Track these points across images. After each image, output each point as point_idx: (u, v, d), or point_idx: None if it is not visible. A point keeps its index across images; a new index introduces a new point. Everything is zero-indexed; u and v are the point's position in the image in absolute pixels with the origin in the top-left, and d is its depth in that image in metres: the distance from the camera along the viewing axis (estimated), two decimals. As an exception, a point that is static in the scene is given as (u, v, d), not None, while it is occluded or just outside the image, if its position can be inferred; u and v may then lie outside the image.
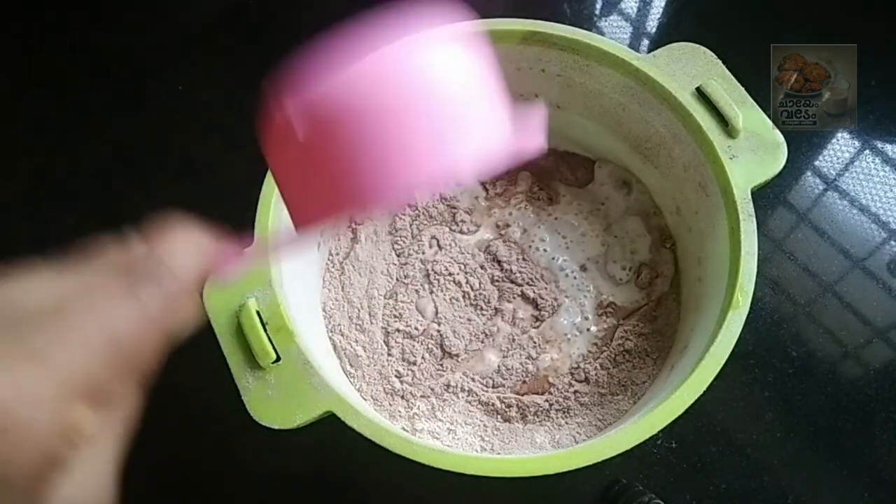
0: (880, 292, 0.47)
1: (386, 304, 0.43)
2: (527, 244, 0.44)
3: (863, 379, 0.45)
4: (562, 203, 0.46)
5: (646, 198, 0.45)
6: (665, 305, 0.42)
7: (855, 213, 0.50)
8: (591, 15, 0.62)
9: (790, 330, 0.46)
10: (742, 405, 0.43)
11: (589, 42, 0.39)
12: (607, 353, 0.41)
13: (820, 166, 0.52)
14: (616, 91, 0.41)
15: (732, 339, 0.32)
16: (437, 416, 0.39)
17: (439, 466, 0.29)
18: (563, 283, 0.43)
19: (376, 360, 0.41)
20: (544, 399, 0.40)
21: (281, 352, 0.32)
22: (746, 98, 0.38)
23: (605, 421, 0.39)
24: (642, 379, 0.40)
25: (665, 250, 0.44)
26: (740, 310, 0.32)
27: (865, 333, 0.46)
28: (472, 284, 0.43)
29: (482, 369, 0.41)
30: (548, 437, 0.39)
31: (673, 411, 0.30)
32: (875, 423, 0.43)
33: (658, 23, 0.61)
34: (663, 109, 0.39)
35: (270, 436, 0.30)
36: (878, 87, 0.54)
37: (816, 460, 0.42)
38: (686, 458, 0.42)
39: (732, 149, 0.37)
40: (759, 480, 0.42)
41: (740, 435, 0.43)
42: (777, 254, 0.48)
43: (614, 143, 0.45)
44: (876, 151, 0.53)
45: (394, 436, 0.30)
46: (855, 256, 0.48)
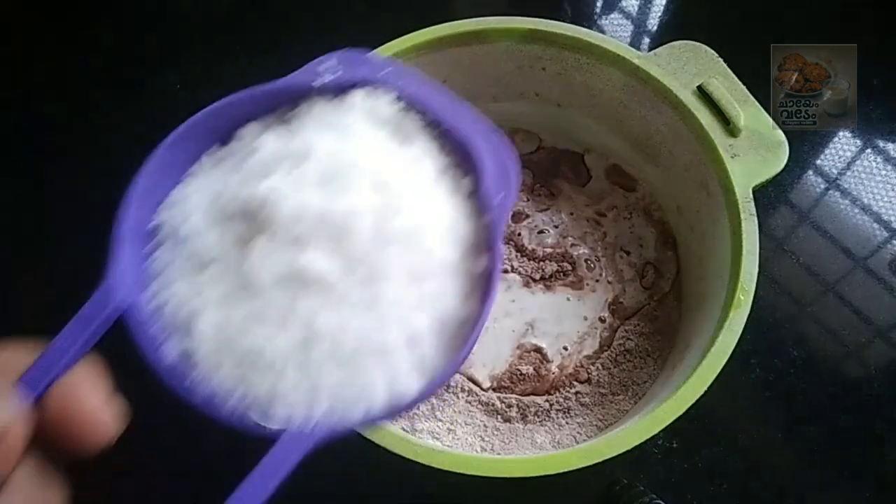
0: (882, 292, 0.47)
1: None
2: (529, 241, 0.44)
3: (864, 379, 0.44)
4: (563, 201, 0.46)
5: (647, 197, 0.45)
6: (666, 305, 0.42)
7: (857, 212, 0.50)
8: (591, 13, 0.61)
9: (791, 329, 0.45)
10: (743, 405, 0.43)
11: (590, 40, 0.39)
12: (608, 353, 0.41)
13: (821, 166, 0.52)
14: (617, 89, 0.41)
15: (734, 339, 0.31)
16: (437, 416, 0.39)
17: (439, 466, 0.29)
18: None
19: (376, 359, 0.41)
20: (545, 399, 0.40)
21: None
22: (748, 97, 0.38)
23: (605, 421, 0.39)
24: (643, 379, 0.40)
25: (668, 249, 0.44)
26: (741, 309, 0.32)
27: (867, 333, 0.45)
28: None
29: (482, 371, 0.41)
30: (548, 437, 0.38)
31: (674, 411, 0.30)
32: (877, 423, 0.43)
33: (659, 21, 0.61)
34: (664, 108, 0.39)
35: (270, 436, 0.30)
36: (879, 87, 0.54)
37: (818, 460, 0.42)
38: (687, 458, 0.42)
39: (734, 147, 0.36)
40: (760, 480, 0.42)
41: (741, 435, 0.43)
42: (778, 253, 0.48)
43: (615, 141, 0.45)
44: (877, 151, 0.53)
45: (394, 436, 0.30)
46: (857, 256, 0.48)
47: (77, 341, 0.15)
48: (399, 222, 0.17)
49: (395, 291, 0.17)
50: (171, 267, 0.17)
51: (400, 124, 0.19)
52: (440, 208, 0.18)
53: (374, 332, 0.17)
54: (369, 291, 0.17)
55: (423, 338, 0.17)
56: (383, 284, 0.17)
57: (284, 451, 0.16)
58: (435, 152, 0.19)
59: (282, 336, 0.16)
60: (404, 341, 0.17)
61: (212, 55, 0.58)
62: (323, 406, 0.17)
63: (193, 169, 0.19)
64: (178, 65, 0.57)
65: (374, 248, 0.17)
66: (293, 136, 0.19)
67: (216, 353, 0.17)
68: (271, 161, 0.18)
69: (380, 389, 0.17)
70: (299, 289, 0.16)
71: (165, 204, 0.19)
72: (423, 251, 0.18)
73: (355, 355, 0.17)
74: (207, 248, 0.17)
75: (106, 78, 0.58)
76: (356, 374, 0.17)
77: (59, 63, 0.58)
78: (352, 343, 0.17)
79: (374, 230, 0.17)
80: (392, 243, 0.17)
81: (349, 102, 0.19)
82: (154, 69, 0.58)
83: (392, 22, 0.38)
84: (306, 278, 0.16)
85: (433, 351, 0.18)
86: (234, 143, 0.20)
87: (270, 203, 0.17)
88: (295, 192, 0.17)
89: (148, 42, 0.59)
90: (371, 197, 0.17)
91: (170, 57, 0.58)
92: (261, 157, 0.18)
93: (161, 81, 0.56)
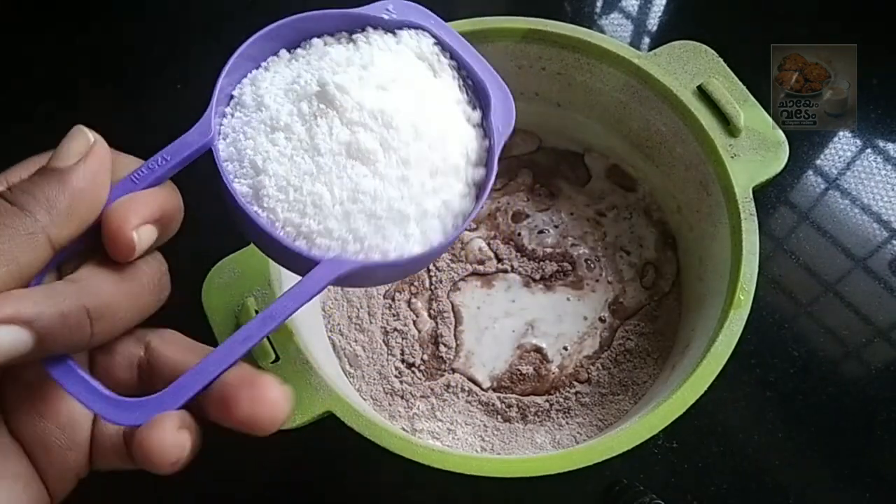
0: (882, 291, 0.47)
1: (385, 304, 0.43)
2: (529, 240, 0.44)
3: (864, 378, 0.44)
4: (563, 201, 0.46)
5: (647, 197, 0.45)
6: (666, 305, 0.42)
7: (856, 212, 0.50)
8: (591, 13, 0.61)
9: (791, 329, 0.45)
10: (743, 405, 0.43)
11: (590, 40, 0.39)
12: (608, 353, 0.41)
13: (821, 166, 0.52)
14: (617, 89, 0.41)
15: (734, 339, 0.32)
16: (437, 416, 0.39)
17: (439, 467, 0.29)
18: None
19: (376, 359, 0.41)
20: (545, 399, 0.40)
21: (280, 351, 0.32)
22: (748, 96, 0.38)
23: (605, 421, 0.39)
24: (643, 379, 0.40)
25: (668, 249, 0.44)
26: (741, 309, 0.32)
27: (867, 333, 0.45)
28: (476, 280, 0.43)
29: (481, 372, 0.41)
30: (548, 437, 0.38)
31: (674, 411, 0.30)
32: (876, 423, 0.43)
33: (659, 21, 0.61)
34: (664, 108, 0.39)
35: (269, 436, 0.30)
36: (879, 87, 0.54)
37: (817, 460, 0.42)
38: (687, 458, 0.42)
39: (734, 147, 0.36)
40: (760, 480, 0.42)
41: (741, 435, 0.43)
42: (778, 253, 0.48)
43: (615, 141, 0.45)
44: (877, 151, 0.53)
45: (394, 436, 0.30)
46: (856, 256, 0.48)
47: (176, 158, 0.20)
48: (430, 127, 0.23)
49: (418, 177, 0.22)
50: (248, 126, 0.22)
51: (435, 61, 0.25)
52: (458, 126, 0.24)
53: (398, 202, 0.22)
54: (401, 172, 0.22)
55: (430, 217, 0.23)
56: (411, 170, 0.22)
57: (321, 273, 0.20)
58: (456, 87, 0.25)
59: (336, 188, 0.21)
60: (417, 216, 0.22)
61: (212, 55, 0.58)
62: (352, 246, 0.21)
63: (270, 60, 0.24)
64: (179, 65, 0.57)
65: (409, 141, 0.22)
66: (359, 49, 0.24)
67: (281, 190, 0.21)
68: (342, 62, 0.23)
69: (392, 246, 0.22)
70: (352, 158, 0.22)
71: (246, 80, 0.24)
72: (442, 152, 0.23)
73: (383, 215, 0.22)
74: (282, 116, 0.22)
75: (106, 79, 0.57)
76: (379, 230, 0.22)
77: (59, 63, 0.58)
78: (383, 205, 0.22)
79: (411, 128, 0.22)
80: (422, 140, 0.22)
81: (400, 36, 0.25)
82: (154, 69, 0.58)
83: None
84: (359, 150, 0.22)
85: (434, 228, 0.23)
86: (304, 48, 0.25)
87: (341, 91, 0.22)
88: (359, 89, 0.22)
89: (148, 42, 0.59)
90: (413, 104, 0.23)
91: (170, 57, 0.58)
92: (333, 58, 0.23)
93: (162, 81, 0.56)
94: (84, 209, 0.17)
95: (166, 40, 0.59)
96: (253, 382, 0.18)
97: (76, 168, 0.17)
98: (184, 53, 0.58)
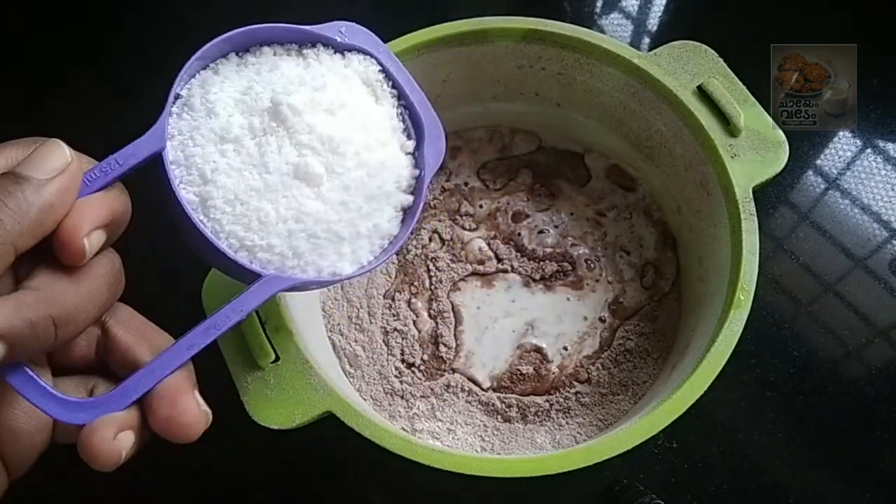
0: (882, 291, 0.47)
1: (385, 304, 0.43)
2: (529, 240, 0.44)
3: (864, 378, 0.44)
4: (563, 201, 0.46)
5: (647, 197, 0.45)
6: (666, 305, 0.42)
7: (856, 212, 0.50)
8: (591, 13, 0.61)
9: (791, 329, 0.45)
10: (743, 405, 0.43)
11: (589, 40, 0.39)
12: (608, 353, 0.41)
13: (821, 166, 0.52)
14: (617, 89, 0.41)
15: (734, 339, 0.31)
16: (437, 416, 0.39)
17: (439, 467, 0.29)
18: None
19: (376, 359, 0.41)
20: (545, 399, 0.40)
21: (280, 351, 0.32)
22: (748, 96, 0.38)
23: (605, 421, 0.39)
24: (643, 379, 0.40)
25: (668, 249, 0.44)
26: (741, 309, 0.32)
27: (867, 333, 0.45)
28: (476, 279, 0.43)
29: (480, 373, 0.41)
30: (548, 437, 0.38)
31: (674, 411, 0.30)
32: (876, 423, 0.43)
33: (659, 21, 0.61)
34: (664, 108, 0.39)
35: (269, 436, 0.30)
36: (879, 87, 0.54)
37: (817, 460, 0.42)
38: (687, 458, 0.42)
39: (734, 147, 0.36)
40: (760, 480, 0.42)
41: (741, 435, 0.43)
42: (778, 253, 0.48)
43: (615, 141, 0.45)
44: (877, 151, 0.53)
45: (394, 436, 0.30)
46: (856, 256, 0.48)
47: (129, 163, 0.21)
48: (371, 156, 0.24)
49: (356, 202, 0.24)
50: (197, 132, 0.23)
51: (378, 88, 0.27)
52: (394, 155, 0.26)
53: (336, 225, 0.24)
54: (342, 197, 0.24)
55: (362, 237, 0.25)
56: (351, 195, 0.24)
57: (263, 289, 0.22)
58: (395, 115, 0.27)
59: (281, 206, 0.23)
60: (351, 237, 0.24)
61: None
62: (291, 262, 0.23)
63: (219, 61, 0.25)
64: (179, 65, 0.57)
65: (352, 168, 0.24)
66: (309, 67, 0.25)
67: (228, 203, 0.22)
68: (295, 80, 0.24)
69: (326, 264, 0.24)
70: (299, 179, 0.23)
71: (195, 80, 0.24)
72: (379, 180, 0.25)
73: (322, 236, 0.23)
74: (233, 128, 0.23)
75: (105, 80, 0.58)
76: (316, 248, 0.23)
77: (59, 65, 0.58)
78: (323, 227, 0.23)
79: (355, 156, 0.24)
80: (363, 168, 0.24)
81: (349, 60, 0.26)
82: (154, 69, 0.57)
83: (393, 21, 0.38)
84: (307, 173, 0.23)
85: (364, 248, 0.25)
86: (255, 55, 0.25)
87: (294, 112, 0.23)
88: (311, 112, 0.23)
89: (148, 42, 0.59)
90: (358, 132, 0.24)
91: (170, 57, 0.58)
92: (285, 73, 0.24)
93: (162, 81, 0.56)
94: (51, 222, 0.18)
95: (166, 40, 0.59)
96: (174, 402, 0.19)
97: (51, 183, 0.18)
98: (184, 53, 0.58)
